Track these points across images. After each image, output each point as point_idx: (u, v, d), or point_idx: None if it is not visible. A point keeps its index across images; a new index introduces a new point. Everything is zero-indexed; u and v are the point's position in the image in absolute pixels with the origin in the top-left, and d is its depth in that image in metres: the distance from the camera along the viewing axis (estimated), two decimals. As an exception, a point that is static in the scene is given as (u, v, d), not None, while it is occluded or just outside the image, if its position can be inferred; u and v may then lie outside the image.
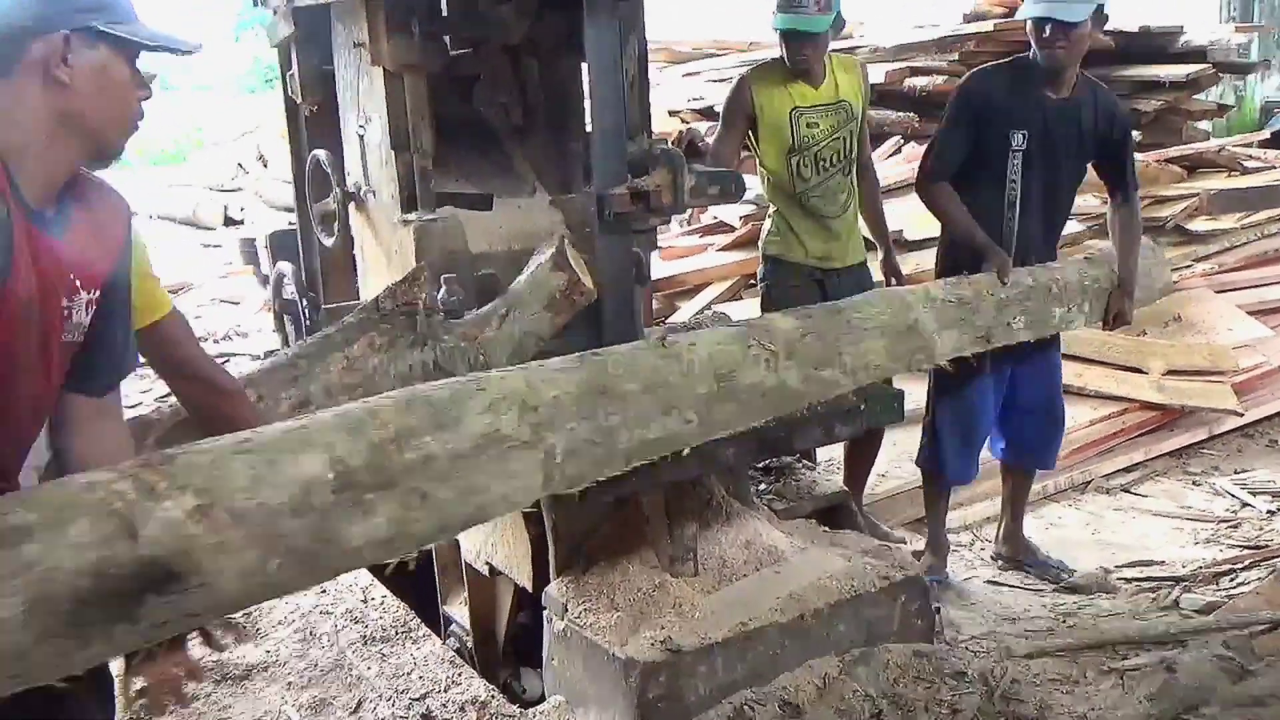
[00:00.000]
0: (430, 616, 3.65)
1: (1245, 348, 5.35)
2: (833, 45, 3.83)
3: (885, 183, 5.69)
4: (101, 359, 1.86)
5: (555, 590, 2.92)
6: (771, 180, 3.85)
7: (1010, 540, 4.06)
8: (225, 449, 1.71)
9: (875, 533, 3.77)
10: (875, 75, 7.28)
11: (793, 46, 3.65)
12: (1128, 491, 4.71)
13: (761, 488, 3.44)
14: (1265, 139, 8.61)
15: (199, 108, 18.43)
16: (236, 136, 14.85)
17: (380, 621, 3.59)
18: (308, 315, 3.68)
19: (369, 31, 3.19)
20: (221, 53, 19.53)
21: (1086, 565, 3.98)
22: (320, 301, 3.80)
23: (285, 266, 3.88)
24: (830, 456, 4.49)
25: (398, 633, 3.53)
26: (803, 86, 3.71)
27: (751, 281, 5.74)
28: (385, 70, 3.22)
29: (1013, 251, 3.50)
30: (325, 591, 3.77)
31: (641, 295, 3.08)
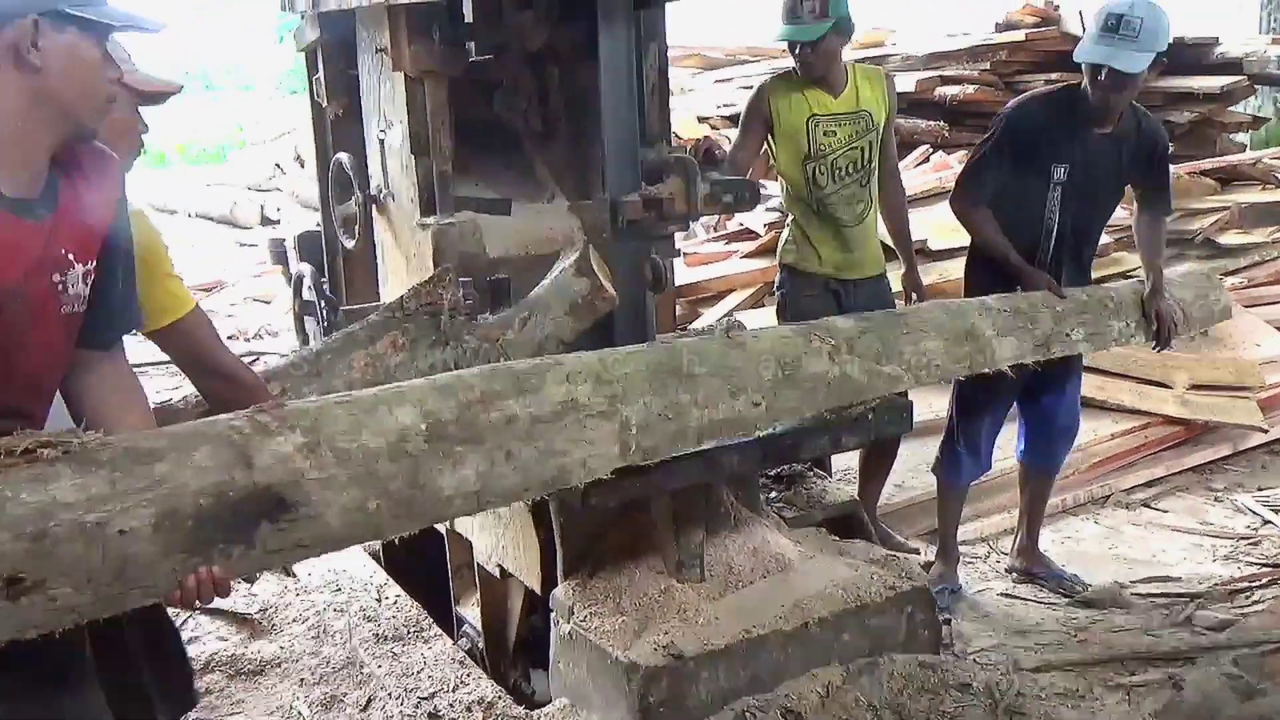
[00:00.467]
0: (443, 617, 3.69)
1: (1272, 363, 5.29)
2: (862, 53, 3.85)
3: (912, 192, 5.70)
4: (101, 316, 1.89)
5: (562, 593, 2.93)
6: (789, 188, 3.87)
7: (1025, 553, 4.04)
8: (329, 400, 2.02)
9: (887, 543, 3.77)
10: (906, 84, 7.25)
11: (796, 55, 3.70)
12: (1148, 506, 4.67)
13: (772, 495, 3.44)
14: (1301, 151, 8.50)
15: (241, 107, 18.64)
16: (275, 136, 14.95)
17: (393, 620, 3.63)
18: (326, 317, 3.72)
19: (391, 37, 3.24)
20: (265, 52, 19.65)
21: (1102, 580, 3.95)
22: (340, 303, 3.85)
23: (305, 268, 3.93)
24: (848, 465, 4.49)
25: (409, 632, 3.57)
26: (821, 95, 3.72)
27: (774, 289, 5.74)
28: (406, 75, 3.26)
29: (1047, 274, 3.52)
30: (340, 589, 3.83)
31: (654, 302, 3.09)
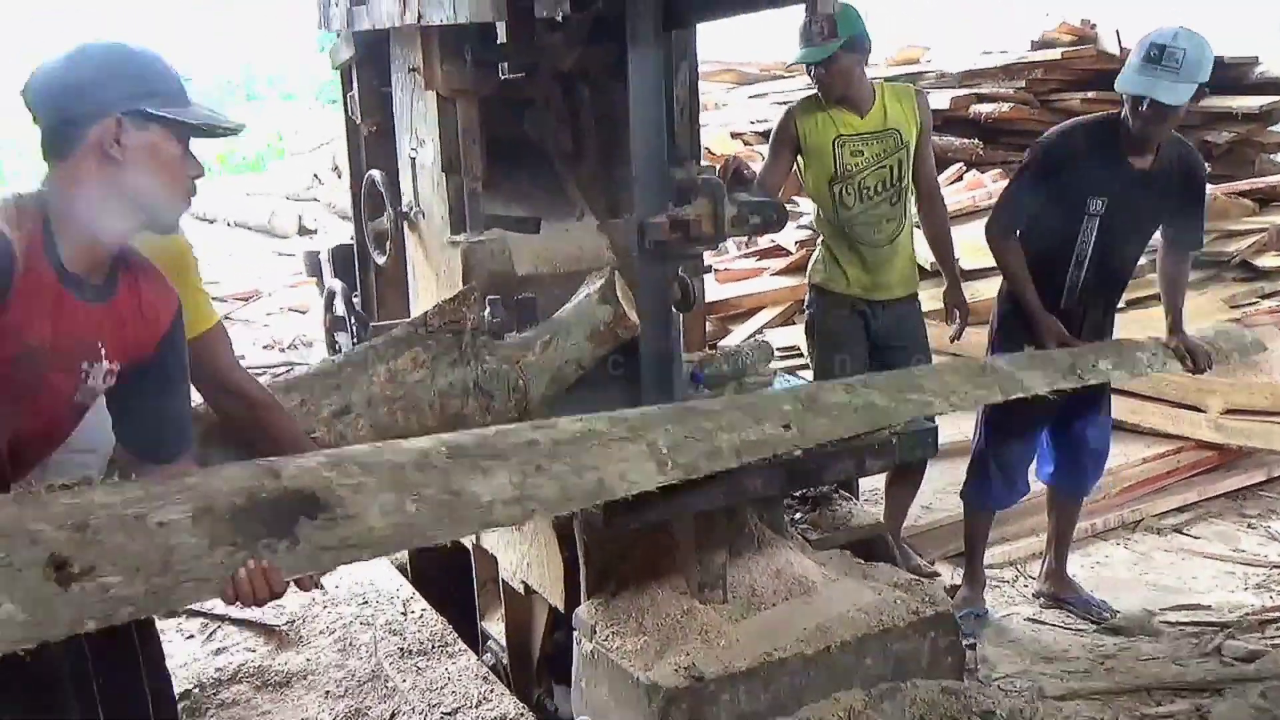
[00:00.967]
0: (469, 632, 3.71)
1: (1308, 389, 5.22)
2: (898, 70, 3.86)
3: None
4: (148, 433, 2.05)
5: (585, 612, 2.94)
6: (817, 209, 3.87)
7: (1053, 578, 4.01)
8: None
9: (907, 566, 3.74)
10: (940, 101, 7.23)
11: (812, 76, 3.75)
12: (1179, 532, 4.63)
13: (797, 517, 3.43)
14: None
15: (282, 117, 18.81)
16: (314, 147, 15.10)
17: (418, 635, 3.65)
18: (357, 333, 3.76)
19: (423, 57, 3.28)
20: (307, 62, 19.84)
21: (1131, 606, 3.92)
22: (370, 319, 3.88)
23: (337, 284, 3.97)
24: (875, 487, 4.47)
25: (434, 647, 3.58)
26: (847, 115, 3.72)
27: (803, 308, 5.74)
28: (438, 94, 3.30)
29: (1074, 301, 3.54)
30: (367, 602, 3.85)
31: (679, 322, 3.10)
